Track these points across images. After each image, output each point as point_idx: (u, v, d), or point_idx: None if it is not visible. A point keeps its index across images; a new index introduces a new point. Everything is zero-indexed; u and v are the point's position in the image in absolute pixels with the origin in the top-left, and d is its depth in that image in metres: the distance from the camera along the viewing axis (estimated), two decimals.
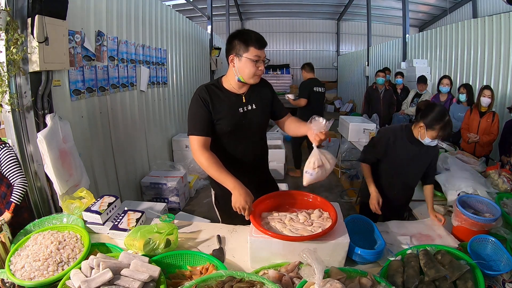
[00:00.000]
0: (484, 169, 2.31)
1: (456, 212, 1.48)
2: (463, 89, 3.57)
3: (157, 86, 4.04)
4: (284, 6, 10.94)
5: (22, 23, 1.80)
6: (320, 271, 0.94)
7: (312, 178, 1.32)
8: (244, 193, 1.32)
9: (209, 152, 1.41)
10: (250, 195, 1.33)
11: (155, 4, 3.90)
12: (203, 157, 1.39)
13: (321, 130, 1.28)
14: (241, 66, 1.40)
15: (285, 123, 1.63)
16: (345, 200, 3.82)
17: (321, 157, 1.32)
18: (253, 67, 1.39)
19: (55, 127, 1.98)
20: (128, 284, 1.04)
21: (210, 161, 1.39)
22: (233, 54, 1.41)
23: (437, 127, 1.61)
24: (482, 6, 8.16)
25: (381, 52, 8.21)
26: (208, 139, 1.44)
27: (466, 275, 1.09)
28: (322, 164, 1.31)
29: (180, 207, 3.50)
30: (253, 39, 1.37)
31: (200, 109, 1.43)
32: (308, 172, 1.31)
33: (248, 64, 1.39)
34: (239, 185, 1.34)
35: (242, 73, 1.42)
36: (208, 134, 1.43)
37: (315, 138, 1.29)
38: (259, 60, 1.40)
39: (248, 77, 1.43)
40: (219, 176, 1.39)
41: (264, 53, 1.42)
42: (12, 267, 1.20)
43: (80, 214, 1.57)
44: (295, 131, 1.55)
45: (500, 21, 4.07)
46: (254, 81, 1.46)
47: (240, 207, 1.32)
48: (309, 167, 1.31)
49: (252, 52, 1.37)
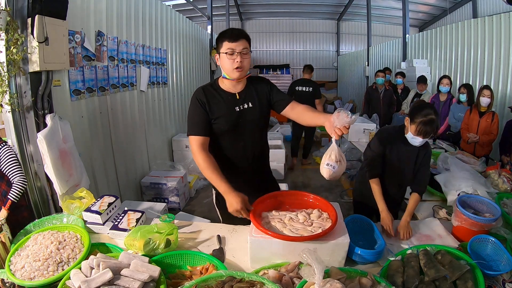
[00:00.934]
0: (484, 169, 2.31)
1: (456, 212, 1.48)
2: (463, 89, 3.57)
3: (157, 86, 4.04)
4: (284, 6, 10.92)
5: (22, 23, 1.80)
6: (320, 271, 0.94)
7: (334, 172, 1.23)
8: (236, 196, 1.35)
9: (206, 154, 1.44)
10: (242, 196, 1.35)
11: (155, 4, 3.90)
12: (201, 158, 1.43)
13: (345, 125, 1.17)
14: (221, 63, 1.45)
15: (295, 112, 1.52)
16: (345, 200, 3.82)
17: (340, 152, 1.25)
18: (228, 60, 1.40)
19: (55, 127, 1.98)
20: (128, 284, 1.04)
21: (207, 163, 1.42)
22: (217, 54, 1.46)
23: (418, 121, 1.59)
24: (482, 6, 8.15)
25: (381, 52, 8.21)
26: (207, 139, 1.47)
27: (466, 275, 1.09)
28: (341, 159, 1.25)
29: (180, 207, 3.50)
30: (227, 34, 1.40)
31: (198, 110, 1.46)
32: (331, 165, 1.23)
33: (224, 59, 1.42)
34: (231, 190, 1.37)
35: (223, 69, 1.46)
36: (206, 134, 1.46)
37: (336, 132, 1.19)
38: (234, 52, 1.39)
39: (228, 72, 1.44)
40: (213, 179, 1.42)
41: (241, 45, 1.39)
42: (12, 267, 1.20)
43: (80, 214, 1.58)
44: (310, 121, 1.44)
45: (500, 21, 4.07)
46: (236, 76, 1.43)
47: (235, 211, 1.34)
48: (331, 160, 1.23)
49: (225, 46, 1.40)
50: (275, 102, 1.56)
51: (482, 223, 1.39)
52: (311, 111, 1.47)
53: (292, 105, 1.53)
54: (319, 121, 1.38)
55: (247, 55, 1.42)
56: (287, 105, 1.53)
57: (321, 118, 1.37)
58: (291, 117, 1.56)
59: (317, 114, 1.42)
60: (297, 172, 4.93)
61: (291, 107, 1.53)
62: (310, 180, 4.60)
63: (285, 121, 7.79)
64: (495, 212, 1.46)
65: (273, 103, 1.57)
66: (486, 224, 1.39)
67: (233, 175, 1.60)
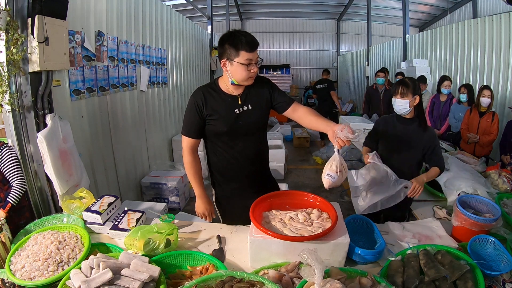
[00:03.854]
0: (484, 169, 2.31)
1: (456, 212, 1.48)
2: (464, 89, 3.57)
3: (157, 86, 4.04)
4: (284, 6, 10.93)
5: (22, 23, 1.79)
6: (320, 271, 0.94)
7: (333, 182, 1.30)
8: (206, 202, 1.64)
9: (193, 156, 1.57)
10: (210, 204, 1.66)
11: (155, 4, 3.90)
12: (187, 159, 1.56)
13: (349, 138, 1.22)
14: (233, 71, 1.38)
15: (297, 114, 1.52)
16: (345, 200, 3.81)
17: (342, 162, 1.30)
18: (245, 71, 1.37)
19: (55, 127, 1.98)
20: (128, 284, 1.04)
21: (191, 165, 1.57)
22: (225, 59, 1.39)
23: (395, 85, 1.87)
24: (482, 6, 8.16)
25: (381, 52, 8.21)
26: (197, 141, 1.55)
27: (466, 275, 1.09)
28: (342, 169, 1.30)
29: (180, 207, 3.50)
30: (243, 43, 1.33)
31: (193, 113, 1.47)
32: (331, 175, 1.30)
33: (239, 69, 1.36)
34: (203, 195, 1.63)
35: (235, 77, 1.40)
36: (198, 137, 1.54)
37: (338, 143, 1.24)
38: (251, 63, 1.36)
39: (241, 81, 1.41)
40: (192, 180, 1.60)
41: (256, 54, 1.38)
42: (12, 267, 1.20)
43: (80, 214, 1.58)
44: (312, 125, 1.47)
45: (500, 21, 4.07)
46: (248, 83, 1.44)
47: (201, 213, 1.65)
48: (332, 170, 1.30)
49: (243, 56, 1.34)
50: (277, 103, 1.56)
51: (482, 223, 1.38)
52: (314, 115, 1.47)
53: (293, 107, 1.53)
54: (321, 127, 1.40)
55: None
56: (289, 107, 1.54)
57: (323, 125, 1.39)
58: (292, 118, 1.57)
59: (320, 120, 1.43)
60: (297, 172, 4.94)
61: (292, 109, 1.53)
62: (310, 180, 4.60)
63: (285, 121, 7.81)
64: (495, 212, 1.46)
65: (274, 104, 1.57)
66: (486, 224, 1.39)
67: (233, 176, 1.61)
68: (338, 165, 1.29)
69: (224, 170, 1.61)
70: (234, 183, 1.63)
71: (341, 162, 1.30)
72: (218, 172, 1.63)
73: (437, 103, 3.92)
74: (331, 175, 1.30)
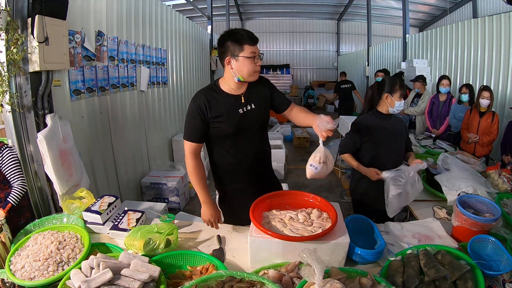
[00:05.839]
0: (484, 169, 2.31)
1: (456, 212, 1.48)
2: (465, 89, 3.55)
3: (157, 86, 4.04)
4: (284, 6, 10.94)
5: (22, 23, 1.80)
6: (320, 271, 0.94)
7: (316, 172, 1.34)
8: (211, 208, 1.53)
9: (196, 161, 1.53)
10: (216, 210, 1.56)
11: (155, 4, 3.90)
12: (191, 164, 1.52)
13: (327, 128, 1.28)
14: (239, 66, 1.40)
15: (292, 113, 1.60)
16: (345, 200, 3.82)
17: (326, 154, 1.34)
18: (251, 64, 1.40)
19: (55, 127, 1.98)
20: (128, 284, 1.04)
21: (194, 170, 1.52)
22: (229, 56, 1.41)
23: (397, 88, 1.87)
24: (482, 6, 8.16)
25: (381, 52, 8.21)
26: (200, 146, 1.53)
27: (466, 275, 1.09)
28: (326, 160, 1.33)
29: (180, 207, 3.50)
30: (245, 37, 1.38)
31: (196, 117, 1.46)
32: (313, 166, 1.34)
33: (246, 63, 1.39)
34: (209, 200, 1.54)
35: (241, 73, 1.41)
36: (201, 141, 1.52)
37: (322, 134, 1.30)
38: (256, 56, 1.40)
39: (248, 75, 1.42)
40: (196, 185, 1.54)
41: (257, 48, 1.42)
42: (12, 267, 1.20)
43: (80, 214, 1.58)
44: (302, 121, 1.54)
45: (500, 21, 4.07)
46: (254, 78, 1.46)
47: (207, 220, 1.54)
48: (315, 161, 1.34)
49: (247, 49, 1.38)
50: (277, 104, 1.60)
51: (482, 223, 1.38)
52: (304, 112, 1.56)
53: (291, 107, 1.60)
54: (309, 122, 1.45)
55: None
56: (288, 107, 1.60)
57: (310, 118, 1.45)
58: (288, 117, 1.63)
59: (308, 115, 1.51)
60: (297, 172, 4.94)
61: (290, 109, 1.60)
62: (310, 180, 4.58)
63: (285, 121, 7.81)
64: (495, 212, 1.46)
65: (274, 104, 1.60)
66: (486, 224, 1.38)
67: (237, 176, 1.61)
68: (322, 156, 1.32)
69: (228, 170, 1.60)
70: (238, 183, 1.62)
71: (325, 153, 1.33)
72: (222, 173, 1.62)
73: (437, 103, 3.91)
74: (314, 166, 1.33)
